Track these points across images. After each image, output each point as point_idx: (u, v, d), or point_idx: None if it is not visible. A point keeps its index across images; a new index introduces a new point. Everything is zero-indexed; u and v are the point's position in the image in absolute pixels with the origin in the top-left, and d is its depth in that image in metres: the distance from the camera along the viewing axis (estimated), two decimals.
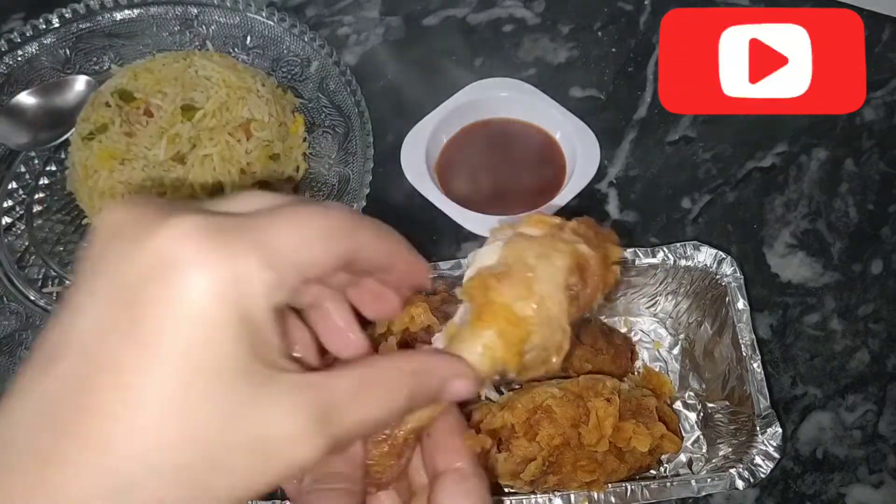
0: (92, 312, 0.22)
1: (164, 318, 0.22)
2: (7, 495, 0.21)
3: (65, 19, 0.76)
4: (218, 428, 0.22)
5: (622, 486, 0.50)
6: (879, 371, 0.63)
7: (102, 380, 0.22)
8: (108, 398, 0.21)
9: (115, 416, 0.21)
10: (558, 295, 0.32)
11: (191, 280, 0.22)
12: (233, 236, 0.23)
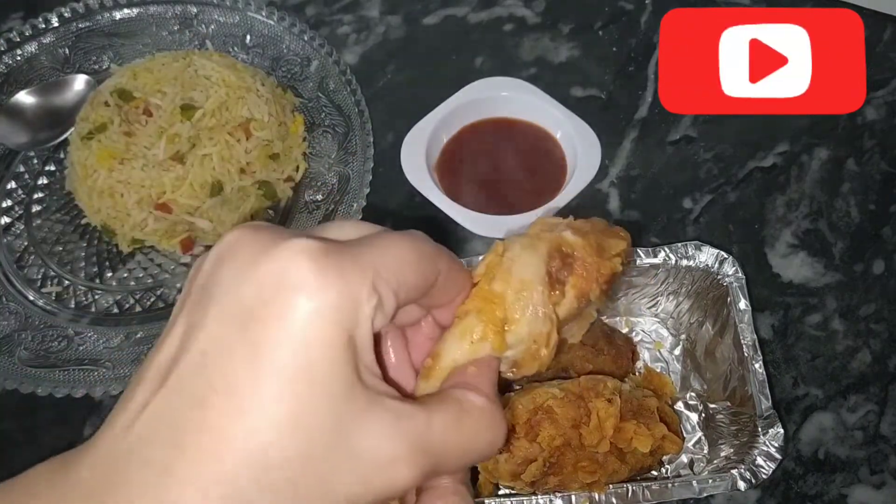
0: (206, 331, 0.23)
1: (278, 338, 0.23)
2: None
3: (64, 18, 0.76)
4: (325, 446, 0.23)
5: (623, 487, 0.50)
6: (881, 371, 0.63)
7: (216, 398, 0.22)
8: (221, 416, 0.22)
9: (227, 433, 0.22)
10: (538, 279, 0.31)
11: (305, 301, 0.23)
12: (341, 259, 0.24)
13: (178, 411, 0.23)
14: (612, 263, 0.33)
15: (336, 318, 0.23)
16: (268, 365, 0.22)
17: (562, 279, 0.32)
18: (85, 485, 0.23)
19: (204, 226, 0.68)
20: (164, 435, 0.23)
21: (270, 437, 0.22)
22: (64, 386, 0.61)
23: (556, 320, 0.31)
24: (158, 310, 0.67)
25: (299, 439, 0.23)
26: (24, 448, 0.62)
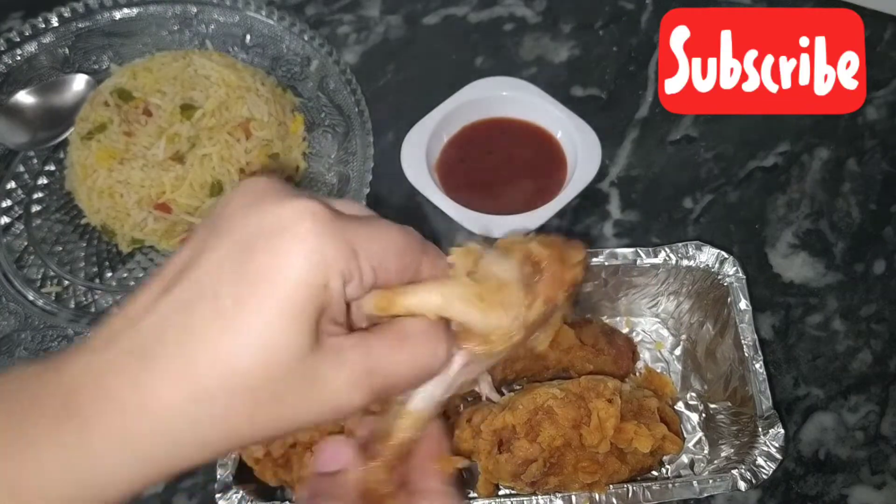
0: (210, 253, 0.27)
1: (267, 267, 0.27)
2: (106, 391, 0.26)
3: (64, 18, 0.75)
4: (287, 367, 0.27)
5: (623, 488, 0.50)
6: (882, 372, 0.62)
7: (204, 307, 0.26)
8: (205, 323, 0.26)
9: (206, 338, 0.26)
10: (516, 281, 0.34)
11: (298, 245, 0.27)
12: (338, 226, 0.28)
13: (170, 317, 0.27)
14: (575, 271, 0.37)
15: (318, 268, 0.27)
16: (252, 287, 0.26)
17: (532, 285, 0.35)
18: (80, 376, 0.26)
19: None
20: (153, 334, 0.26)
21: (242, 351, 0.26)
22: None
23: (524, 322, 0.34)
24: None
25: (264, 357, 0.26)
26: None
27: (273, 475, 0.52)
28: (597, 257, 0.58)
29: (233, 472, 0.51)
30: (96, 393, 0.26)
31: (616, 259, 0.58)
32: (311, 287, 0.27)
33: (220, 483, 0.50)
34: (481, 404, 0.53)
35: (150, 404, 0.26)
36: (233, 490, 0.50)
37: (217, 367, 0.26)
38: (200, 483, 0.60)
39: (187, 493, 0.60)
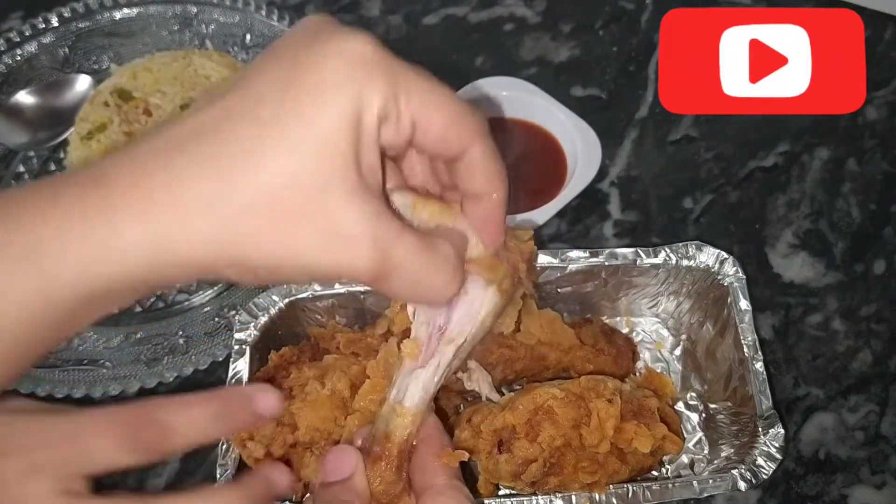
0: (261, 73, 0.28)
1: (310, 90, 0.27)
2: (137, 171, 0.27)
3: (64, 18, 0.75)
4: (310, 195, 0.27)
5: (624, 488, 0.50)
6: (882, 372, 0.62)
7: (245, 115, 0.28)
8: (242, 129, 0.27)
9: (239, 143, 0.27)
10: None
11: (342, 72, 0.28)
12: (385, 66, 0.29)
13: (210, 120, 0.28)
14: (528, 245, 0.42)
15: (355, 99, 0.28)
16: (294, 109, 0.27)
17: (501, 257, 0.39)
18: (115, 160, 0.28)
19: None
20: (191, 131, 0.28)
21: (270, 163, 0.27)
22: (63, 386, 0.61)
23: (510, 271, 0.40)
24: (158, 310, 0.67)
25: (291, 179, 0.27)
26: None
27: None
28: (597, 257, 0.58)
29: (233, 473, 0.51)
30: (126, 172, 0.27)
31: (616, 259, 0.58)
32: (346, 117, 0.28)
33: (220, 483, 0.50)
34: (481, 404, 0.53)
35: (176, 189, 0.27)
36: None
37: (243, 174, 0.27)
38: (200, 483, 0.60)
39: None
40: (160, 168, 0.27)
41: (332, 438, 0.51)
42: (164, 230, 0.27)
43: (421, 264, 0.31)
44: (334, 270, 0.29)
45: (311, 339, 0.59)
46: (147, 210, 0.27)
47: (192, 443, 0.34)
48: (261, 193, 0.27)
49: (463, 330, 0.41)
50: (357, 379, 0.53)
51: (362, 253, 0.29)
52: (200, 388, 0.65)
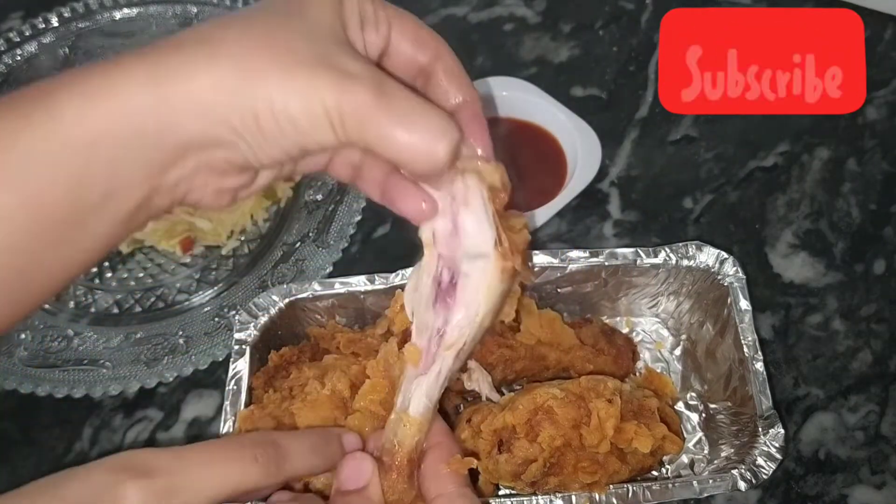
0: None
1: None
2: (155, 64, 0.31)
3: (64, 18, 0.76)
4: (319, 43, 0.33)
5: (624, 488, 0.50)
6: (882, 372, 0.62)
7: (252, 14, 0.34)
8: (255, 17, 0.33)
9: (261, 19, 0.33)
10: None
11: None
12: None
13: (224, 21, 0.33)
14: (523, 234, 0.41)
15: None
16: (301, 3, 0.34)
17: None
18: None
19: (203, 226, 0.67)
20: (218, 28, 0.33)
21: (285, 27, 0.33)
22: (63, 386, 0.61)
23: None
24: (158, 310, 0.67)
25: (304, 34, 0.33)
26: (23, 448, 0.62)
27: None
28: (597, 257, 0.58)
29: None
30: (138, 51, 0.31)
31: (616, 259, 0.58)
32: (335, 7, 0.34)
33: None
34: (481, 404, 0.53)
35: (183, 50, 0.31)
36: None
37: (255, 35, 0.32)
38: None
39: None
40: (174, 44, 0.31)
41: None
42: (172, 78, 0.30)
43: (414, 104, 0.33)
44: (334, 104, 0.32)
45: (311, 339, 0.59)
46: (154, 67, 0.30)
47: (299, 471, 0.39)
48: (278, 45, 0.31)
49: (462, 333, 0.41)
50: (357, 379, 0.53)
51: (364, 84, 0.32)
52: (200, 389, 0.66)
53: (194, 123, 0.31)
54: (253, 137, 0.32)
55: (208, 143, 0.32)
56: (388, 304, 0.56)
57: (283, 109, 0.31)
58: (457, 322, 0.40)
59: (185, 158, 0.32)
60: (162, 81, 0.30)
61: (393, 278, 0.57)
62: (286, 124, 0.32)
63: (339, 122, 0.32)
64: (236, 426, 0.52)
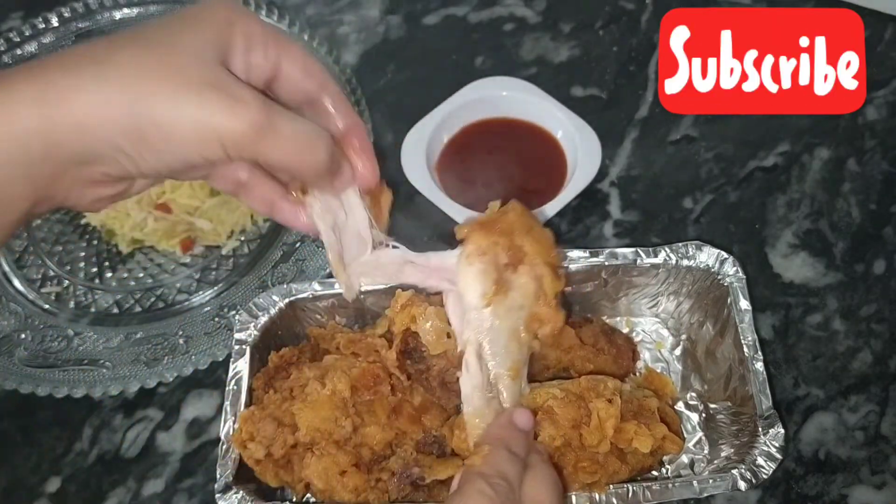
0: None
1: (194, 18, 0.36)
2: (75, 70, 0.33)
3: (64, 18, 0.75)
4: (207, 66, 0.34)
5: (624, 488, 0.50)
6: (882, 372, 0.62)
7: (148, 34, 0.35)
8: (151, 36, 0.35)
9: (154, 39, 0.34)
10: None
11: (219, 12, 0.36)
12: (252, 17, 0.37)
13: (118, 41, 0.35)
14: (553, 254, 0.49)
15: (224, 21, 0.36)
16: (186, 24, 0.35)
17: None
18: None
19: (203, 226, 0.67)
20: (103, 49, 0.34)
21: (179, 44, 0.34)
22: (63, 386, 0.61)
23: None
24: (158, 310, 0.67)
25: (192, 57, 0.34)
26: (23, 448, 0.62)
27: (274, 476, 0.52)
28: (597, 257, 0.58)
29: (233, 473, 0.51)
30: (25, 71, 0.33)
31: (616, 259, 0.58)
32: (221, 29, 0.35)
33: (220, 483, 0.50)
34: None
35: (69, 71, 0.32)
36: (233, 490, 0.50)
37: (147, 55, 0.33)
38: (201, 483, 0.60)
39: (187, 493, 0.60)
40: (59, 64, 0.33)
41: (333, 438, 0.51)
42: (58, 99, 0.32)
43: (294, 119, 0.36)
44: (225, 126, 0.33)
45: (311, 339, 0.59)
46: (43, 88, 0.32)
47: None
48: (167, 66, 0.33)
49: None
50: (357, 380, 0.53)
51: (251, 109, 0.34)
52: (200, 388, 0.66)
53: (78, 143, 0.32)
54: (139, 154, 0.34)
55: (91, 160, 0.34)
56: (388, 304, 0.56)
57: (173, 130, 0.33)
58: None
59: (67, 173, 0.34)
60: (49, 102, 0.32)
61: None
62: (175, 144, 0.34)
63: (230, 141, 0.34)
64: (237, 426, 0.52)
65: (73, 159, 0.33)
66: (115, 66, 0.33)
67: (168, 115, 0.33)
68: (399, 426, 0.53)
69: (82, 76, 0.32)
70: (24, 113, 0.32)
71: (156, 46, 0.34)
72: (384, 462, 0.53)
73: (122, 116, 0.32)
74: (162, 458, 0.61)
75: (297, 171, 0.38)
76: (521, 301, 0.48)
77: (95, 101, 0.32)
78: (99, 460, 0.61)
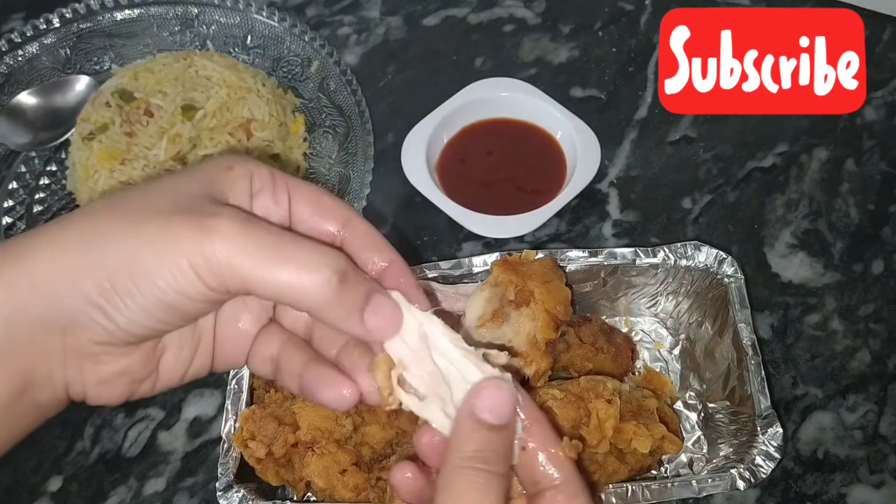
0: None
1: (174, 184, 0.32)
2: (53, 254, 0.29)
3: (65, 19, 0.76)
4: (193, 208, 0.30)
5: (623, 487, 0.50)
6: (880, 371, 0.63)
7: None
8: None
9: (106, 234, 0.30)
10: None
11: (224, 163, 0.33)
12: (266, 168, 0.34)
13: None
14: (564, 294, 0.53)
15: (223, 166, 0.32)
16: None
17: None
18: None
19: None
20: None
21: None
22: None
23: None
24: None
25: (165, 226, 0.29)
26: (25, 447, 0.62)
27: (275, 474, 0.52)
28: (596, 257, 0.58)
29: (234, 472, 0.51)
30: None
31: (615, 259, 0.58)
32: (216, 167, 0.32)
33: (221, 482, 0.51)
34: None
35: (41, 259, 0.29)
36: (234, 489, 0.50)
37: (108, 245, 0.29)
38: (202, 482, 0.60)
39: (188, 492, 0.60)
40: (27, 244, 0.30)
41: (334, 437, 0.51)
42: (13, 265, 0.29)
43: (283, 236, 0.30)
44: (200, 250, 0.29)
45: None
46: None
47: None
48: (135, 207, 0.30)
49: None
50: None
51: (225, 222, 0.29)
52: (202, 388, 0.66)
53: (41, 303, 0.29)
54: (108, 302, 0.29)
55: (66, 323, 0.29)
56: None
57: (137, 265, 0.29)
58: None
59: (48, 344, 0.30)
60: (4, 269, 0.29)
61: None
62: (141, 279, 0.29)
63: (206, 269, 0.29)
64: (238, 425, 0.52)
65: (46, 325, 0.29)
66: (70, 220, 0.30)
67: (128, 249, 0.29)
68: (399, 425, 0.53)
69: (40, 238, 0.30)
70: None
71: (121, 196, 0.31)
72: (384, 461, 0.53)
73: (82, 265, 0.29)
74: (163, 457, 0.62)
75: (297, 300, 0.30)
76: (510, 336, 0.51)
77: (49, 257, 0.29)
78: (100, 459, 0.62)
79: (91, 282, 0.29)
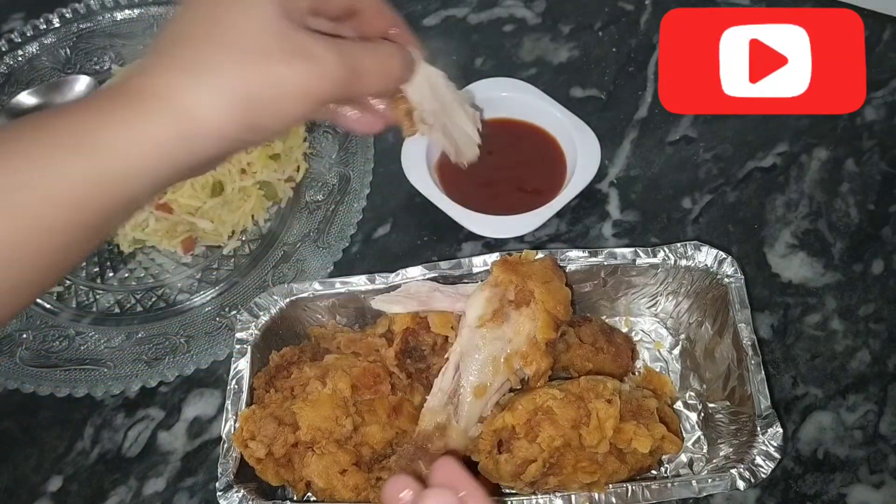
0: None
1: None
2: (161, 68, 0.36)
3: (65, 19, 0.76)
4: (284, 36, 0.37)
5: (623, 487, 0.50)
6: (880, 371, 0.63)
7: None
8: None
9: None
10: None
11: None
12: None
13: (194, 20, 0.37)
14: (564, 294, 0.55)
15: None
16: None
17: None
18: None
19: (205, 226, 0.68)
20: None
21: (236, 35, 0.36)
22: (65, 385, 0.61)
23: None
24: (159, 310, 0.67)
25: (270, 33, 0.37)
26: (25, 447, 0.62)
27: (275, 475, 0.52)
28: (596, 257, 0.58)
29: (234, 472, 0.51)
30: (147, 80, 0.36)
31: (615, 259, 0.58)
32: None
33: (221, 482, 0.51)
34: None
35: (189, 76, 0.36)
36: (234, 489, 0.50)
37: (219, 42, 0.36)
38: (202, 482, 0.60)
39: (188, 492, 0.60)
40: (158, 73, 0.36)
41: (334, 437, 0.51)
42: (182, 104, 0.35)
43: (372, 58, 0.41)
44: (319, 88, 0.37)
45: (311, 338, 0.60)
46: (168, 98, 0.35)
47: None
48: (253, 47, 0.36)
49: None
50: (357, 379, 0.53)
51: (332, 65, 0.37)
52: (202, 388, 0.66)
53: (213, 147, 0.36)
54: (253, 137, 0.38)
55: (225, 157, 0.38)
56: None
57: (278, 106, 0.37)
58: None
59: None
60: (177, 112, 0.35)
61: (393, 278, 0.58)
62: (282, 117, 0.37)
63: (326, 98, 0.38)
64: (238, 426, 0.52)
65: (211, 162, 0.38)
66: (203, 66, 0.36)
67: (271, 93, 0.36)
68: (399, 425, 0.53)
69: (186, 79, 0.35)
70: (156, 129, 0.35)
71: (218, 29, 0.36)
72: (384, 461, 0.53)
73: (231, 110, 0.35)
74: (163, 457, 0.62)
75: (384, 92, 0.44)
76: (511, 336, 0.52)
77: (208, 102, 0.35)
78: (100, 459, 0.62)
79: (241, 128, 0.37)
